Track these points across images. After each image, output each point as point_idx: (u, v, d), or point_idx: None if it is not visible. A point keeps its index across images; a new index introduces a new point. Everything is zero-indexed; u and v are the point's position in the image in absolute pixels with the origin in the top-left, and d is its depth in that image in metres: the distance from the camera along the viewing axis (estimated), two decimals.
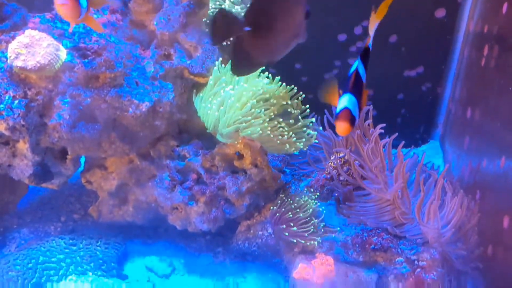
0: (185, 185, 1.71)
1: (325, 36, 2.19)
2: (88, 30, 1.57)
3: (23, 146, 1.57)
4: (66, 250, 1.73)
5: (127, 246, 1.86)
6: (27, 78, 1.49)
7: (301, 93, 1.64)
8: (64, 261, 1.69)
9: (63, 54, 1.48)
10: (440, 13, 2.08)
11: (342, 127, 1.10)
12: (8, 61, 1.45)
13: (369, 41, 1.21)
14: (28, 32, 1.46)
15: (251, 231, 1.78)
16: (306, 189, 1.79)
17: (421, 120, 2.30)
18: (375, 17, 1.19)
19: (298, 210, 1.62)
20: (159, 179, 1.72)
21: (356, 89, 1.14)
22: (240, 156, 1.70)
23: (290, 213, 1.61)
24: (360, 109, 1.14)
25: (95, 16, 1.62)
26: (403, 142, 1.71)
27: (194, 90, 1.70)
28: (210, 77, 1.61)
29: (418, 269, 1.51)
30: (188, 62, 1.62)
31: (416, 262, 1.52)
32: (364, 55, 1.21)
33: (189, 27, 1.60)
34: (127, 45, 1.61)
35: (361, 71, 1.18)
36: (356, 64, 1.19)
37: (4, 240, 1.90)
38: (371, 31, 1.20)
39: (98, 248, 1.76)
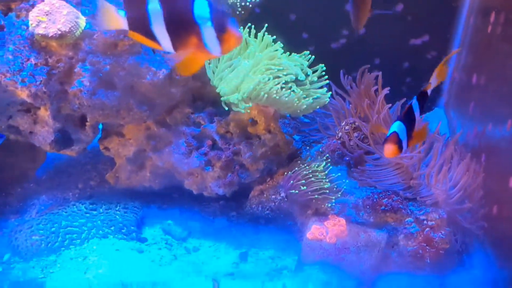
0: (201, 150, 1.76)
1: (332, 5, 2.22)
2: None
3: (44, 113, 1.62)
4: (87, 215, 1.79)
5: (144, 211, 1.93)
6: (47, 46, 1.52)
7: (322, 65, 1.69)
8: (86, 225, 1.76)
9: (82, 21, 1.51)
10: None
11: (389, 149, 1.23)
12: (30, 28, 1.47)
13: (429, 88, 1.32)
14: (48, 0, 1.48)
15: (264, 195, 1.84)
16: (317, 154, 1.85)
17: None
18: (437, 77, 1.32)
19: (311, 173, 1.68)
20: (176, 145, 1.77)
21: (406, 119, 1.27)
22: (253, 123, 1.75)
23: (303, 176, 1.67)
24: (409, 138, 1.26)
25: None
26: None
27: (208, 61, 1.73)
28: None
29: (427, 229, 1.58)
30: None
31: (425, 222, 1.60)
32: (421, 97, 1.32)
33: None
34: None
35: (415, 108, 1.30)
36: (412, 101, 1.31)
37: (24, 207, 1.96)
38: (433, 82, 1.33)
39: (118, 212, 1.82)
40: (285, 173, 1.76)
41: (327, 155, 1.78)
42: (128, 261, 1.68)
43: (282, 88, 1.58)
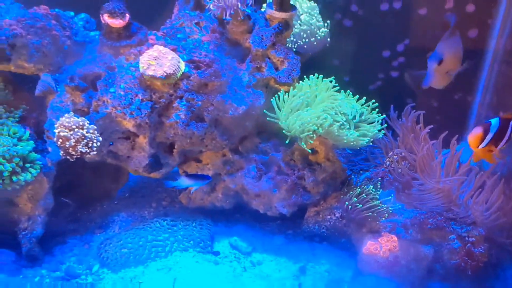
0: (269, 175, 2.04)
1: (369, 53, 2.55)
2: (197, 46, 1.91)
3: (142, 140, 1.91)
4: (169, 230, 2.05)
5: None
6: (152, 84, 1.82)
7: (373, 100, 1.99)
8: (169, 239, 2.01)
9: (182, 65, 1.82)
10: (473, 33, 2.45)
11: (475, 133, 1.50)
12: (141, 70, 1.78)
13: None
14: (156, 47, 1.79)
15: (320, 216, 2.11)
16: (366, 180, 2.13)
17: (453, 125, 2.65)
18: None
19: (365, 196, 1.96)
20: (247, 170, 2.05)
21: (503, 126, 1.52)
22: (314, 152, 2.04)
23: (359, 198, 1.95)
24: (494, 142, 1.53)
25: (199, 34, 1.96)
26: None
27: (276, 98, 2.01)
28: (295, 90, 1.94)
29: (468, 244, 1.85)
30: (276, 73, 1.96)
31: (466, 238, 1.86)
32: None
33: (277, 45, 1.95)
34: (227, 59, 1.95)
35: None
36: None
37: (106, 222, 2.23)
38: None
39: (194, 228, 2.09)
40: (339, 196, 2.04)
41: (378, 181, 2.06)
42: (208, 272, 1.93)
43: (341, 125, 1.88)
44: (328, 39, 2.25)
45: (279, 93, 1.94)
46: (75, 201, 2.21)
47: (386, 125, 2.01)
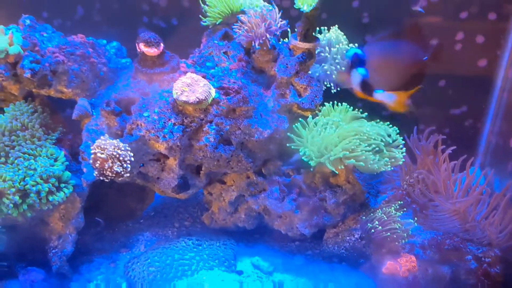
0: (291, 196, 2.13)
1: None
2: (225, 74, 2.02)
3: (172, 162, 1.99)
4: (195, 249, 2.12)
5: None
6: (184, 109, 1.92)
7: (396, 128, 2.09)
8: (195, 258, 2.08)
9: (213, 92, 1.92)
10: (482, 62, 2.57)
11: None
12: (174, 95, 1.88)
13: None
14: (189, 74, 1.90)
15: (340, 237, 2.18)
16: (384, 202, 2.22)
17: (463, 151, 2.75)
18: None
19: (386, 218, 2.04)
20: (270, 191, 2.13)
21: None
22: (335, 174, 2.13)
23: (379, 219, 2.03)
24: None
25: (227, 63, 2.07)
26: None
27: (299, 124, 2.10)
28: (317, 116, 2.04)
29: (484, 265, 1.93)
30: (299, 99, 2.07)
31: (482, 259, 1.94)
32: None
33: (301, 73, 2.06)
34: (254, 85, 2.05)
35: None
36: None
37: (131, 241, 2.30)
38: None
39: (219, 248, 2.16)
40: (357, 218, 2.12)
41: (399, 203, 2.14)
42: None
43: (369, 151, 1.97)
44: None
45: (306, 118, 2.06)
46: (103, 220, 2.28)
47: (405, 148, 2.10)
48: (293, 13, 2.14)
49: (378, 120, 2.12)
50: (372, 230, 1.99)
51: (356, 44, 2.11)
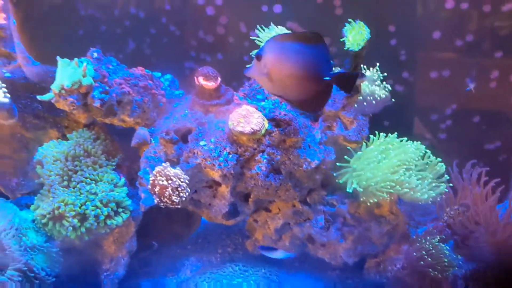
0: (336, 226, 2.20)
1: (420, 115, 2.77)
2: (276, 106, 2.13)
3: (224, 189, 2.08)
4: (241, 275, 2.19)
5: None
6: (238, 139, 2.02)
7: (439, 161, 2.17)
8: (242, 285, 2.14)
9: (266, 123, 2.02)
10: None
11: None
12: (230, 126, 1.98)
13: None
14: (244, 106, 2.01)
15: (381, 266, 2.24)
16: (425, 233, 2.28)
17: (497, 185, 2.82)
18: None
19: (431, 248, 2.10)
20: (315, 220, 2.20)
21: None
22: (378, 205, 2.20)
23: (424, 250, 2.09)
24: None
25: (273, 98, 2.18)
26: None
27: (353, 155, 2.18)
28: (367, 147, 2.13)
29: None
30: (346, 132, 2.16)
31: None
32: None
33: (348, 107, 2.16)
34: (302, 118, 2.16)
35: None
36: None
37: (177, 266, 2.36)
38: None
39: (264, 274, 2.22)
40: (398, 248, 2.18)
41: (438, 234, 2.20)
42: None
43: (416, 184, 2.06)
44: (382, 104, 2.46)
45: (352, 150, 2.14)
46: (148, 245, 2.36)
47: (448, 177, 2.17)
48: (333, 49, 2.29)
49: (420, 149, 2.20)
50: (421, 262, 2.04)
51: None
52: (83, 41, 2.62)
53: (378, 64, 2.26)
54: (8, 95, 1.91)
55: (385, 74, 2.27)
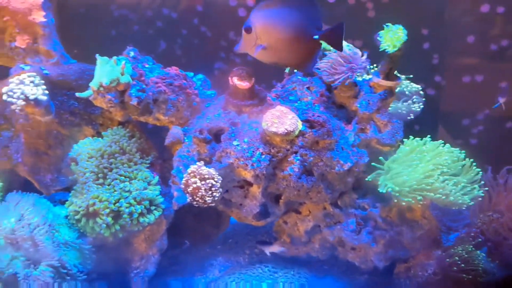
0: (367, 229, 2.18)
1: (451, 119, 2.73)
2: (309, 108, 2.12)
3: (255, 190, 2.08)
4: (271, 277, 2.18)
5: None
6: (271, 140, 2.02)
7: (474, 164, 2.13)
8: (273, 286, 2.13)
9: (299, 124, 2.02)
10: None
11: None
12: (264, 126, 1.98)
13: None
14: (278, 107, 2.01)
15: (412, 271, 2.21)
16: (457, 239, 2.24)
17: None
18: None
19: (465, 254, 2.06)
20: (346, 223, 2.19)
21: None
22: (410, 209, 2.18)
23: (458, 256, 2.05)
24: None
25: (309, 97, 2.18)
26: None
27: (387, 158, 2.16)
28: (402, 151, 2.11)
29: None
30: (380, 135, 2.14)
31: None
32: None
33: (382, 109, 2.14)
34: (335, 119, 2.15)
35: None
36: None
37: (205, 265, 2.37)
38: None
39: (293, 276, 2.20)
40: (429, 253, 2.15)
41: (471, 240, 2.16)
42: None
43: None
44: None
45: (385, 153, 2.12)
46: (177, 244, 2.36)
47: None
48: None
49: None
50: (454, 267, 2.01)
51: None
52: (116, 41, 2.65)
53: (408, 67, 2.24)
54: (46, 92, 1.94)
55: (411, 76, 2.24)
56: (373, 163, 2.10)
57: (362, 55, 2.11)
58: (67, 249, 2.03)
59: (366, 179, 2.11)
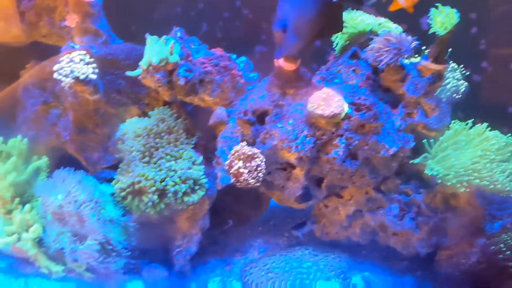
0: (410, 215, 2.15)
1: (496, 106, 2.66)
2: (355, 91, 2.10)
3: (299, 172, 2.07)
4: (311, 259, 2.18)
5: None
6: (316, 122, 2.00)
7: None
8: (312, 268, 2.14)
9: (345, 107, 2.00)
10: None
11: None
12: (309, 108, 1.97)
13: None
14: (324, 89, 1.99)
15: (454, 259, 2.18)
16: (502, 228, 2.20)
17: None
18: None
19: (509, 240, 2.02)
20: (389, 208, 2.16)
21: None
22: (455, 195, 2.14)
23: (504, 243, 2.02)
24: None
25: (355, 80, 2.15)
26: None
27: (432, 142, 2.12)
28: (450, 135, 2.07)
29: None
30: (427, 119, 2.11)
31: None
32: None
33: (430, 94, 2.10)
34: (382, 103, 2.12)
35: None
36: None
37: (245, 247, 2.39)
38: None
39: (334, 260, 2.20)
40: (473, 241, 2.11)
41: None
42: None
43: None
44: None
45: (431, 138, 2.09)
46: (216, 224, 2.39)
47: None
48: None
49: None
50: (501, 256, 1.97)
51: None
52: (159, 22, 2.67)
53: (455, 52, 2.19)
54: (96, 70, 1.97)
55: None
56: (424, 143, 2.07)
57: (410, 38, 2.07)
58: (112, 225, 2.08)
59: (412, 162, 2.08)
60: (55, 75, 1.93)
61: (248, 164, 1.91)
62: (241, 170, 1.91)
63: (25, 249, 2.08)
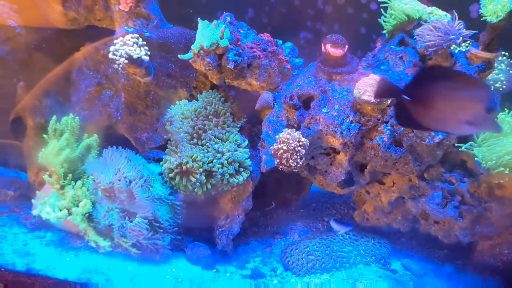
0: (453, 204, 2.15)
1: None
2: (402, 78, 2.09)
3: (342, 157, 2.10)
4: (352, 244, 2.21)
5: None
6: (362, 108, 2.02)
7: None
8: (352, 252, 2.17)
9: None
10: None
11: None
12: (356, 94, 1.98)
13: None
14: (372, 75, 2.00)
15: (497, 249, 2.17)
16: None
17: None
18: None
19: None
20: (431, 196, 2.16)
21: None
22: (500, 186, 2.11)
23: None
24: None
25: (402, 67, 2.14)
26: None
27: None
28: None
29: None
30: None
31: None
32: None
33: None
34: None
35: None
36: None
37: (285, 229, 2.43)
38: None
39: (374, 245, 2.22)
40: None
41: None
42: None
43: None
44: None
45: None
46: (258, 206, 2.44)
47: None
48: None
49: None
50: None
51: None
52: (206, 7, 2.72)
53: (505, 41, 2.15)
54: (148, 53, 2.04)
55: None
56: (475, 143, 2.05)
57: (459, 25, 2.04)
58: (160, 204, 2.15)
59: (458, 146, 2.07)
60: (110, 55, 2.00)
61: (291, 149, 1.95)
62: (285, 154, 1.95)
63: (76, 223, 2.16)
